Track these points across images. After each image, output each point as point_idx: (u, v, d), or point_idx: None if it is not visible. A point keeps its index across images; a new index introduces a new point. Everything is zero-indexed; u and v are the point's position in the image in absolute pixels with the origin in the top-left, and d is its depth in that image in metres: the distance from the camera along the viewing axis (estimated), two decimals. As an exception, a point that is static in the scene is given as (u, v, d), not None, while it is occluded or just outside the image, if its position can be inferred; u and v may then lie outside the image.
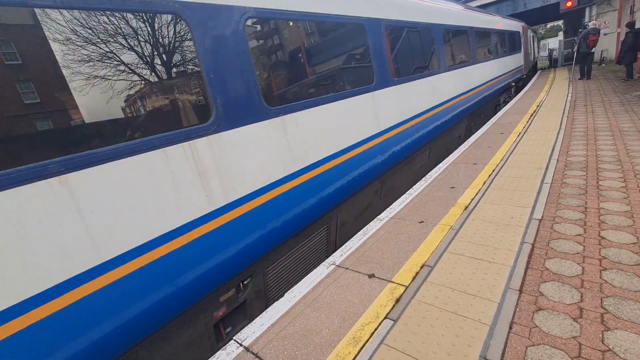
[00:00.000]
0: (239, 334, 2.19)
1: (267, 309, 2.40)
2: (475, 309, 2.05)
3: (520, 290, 2.15)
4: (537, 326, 1.86)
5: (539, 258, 2.45)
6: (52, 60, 1.69)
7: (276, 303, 2.44)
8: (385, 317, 2.10)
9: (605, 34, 17.17)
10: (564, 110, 7.84)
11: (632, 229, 2.64)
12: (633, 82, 10.53)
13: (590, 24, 13.62)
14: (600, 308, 1.92)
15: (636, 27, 10.47)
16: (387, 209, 3.76)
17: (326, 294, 2.44)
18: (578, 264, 2.33)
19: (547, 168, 4.20)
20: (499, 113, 8.81)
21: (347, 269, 2.71)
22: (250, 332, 2.17)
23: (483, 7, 21.33)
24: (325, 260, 2.91)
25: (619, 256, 2.34)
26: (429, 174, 4.77)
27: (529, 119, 7.39)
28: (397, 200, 3.97)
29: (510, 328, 1.87)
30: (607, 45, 18.10)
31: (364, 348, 1.90)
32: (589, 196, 3.30)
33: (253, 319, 2.60)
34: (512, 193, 3.61)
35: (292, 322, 2.20)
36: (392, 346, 1.87)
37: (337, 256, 2.93)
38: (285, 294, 2.53)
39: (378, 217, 3.60)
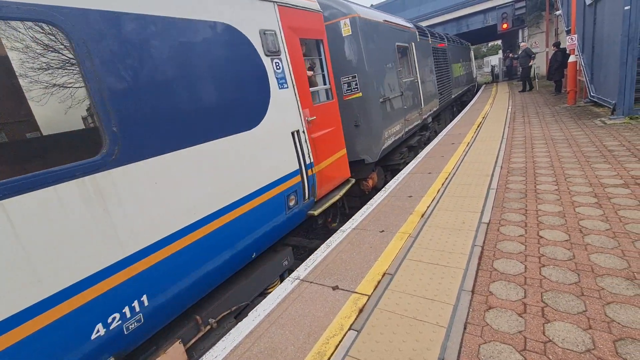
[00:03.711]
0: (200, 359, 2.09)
1: (231, 330, 2.32)
2: (433, 312, 2.15)
3: (473, 291, 2.29)
4: (488, 324, 1.99)
5: (488, 259, 2.64)
6: None
7: (240, 323, 2.38)
8: (350, 329, 2.13)
9: (536, 53, 19.26)
10: (506, 121, 8.60)
11: (565, 228, 2.94)
12: (561, 95, 11.85)
13: (521, 45, 15.26)
14: (541, 302, 2.10)
15: (561, 46, 11.85)
16: (349, 220, 3.85)
17: (291, 309, 2.42)
18: (521, 262, 2.54)
19: (492, 175, 4.57)
20: (450, 124, 9.44)
21: (311, 282, 2.72)
22: (212, 357, 2.08)
23: (431, 27, 17.67)
24: (290, 275, 2.89)
25: (554, 253, 2.59)
26: (387, 184, 4.96)
27: (476, 129, 8.00)
28: (358, 212, 4.07)
29: (465, 328, 1.98)
30: (539, 63, 20.27)
31: (329, 362, 1.90)
32: (528, 199, 3.63)
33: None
34: (463, 199, 3.87)
35: (257, 342, 2.15)
36: (357, 357, 1.90)
37: (302, 270, 2.93)
38: (249, 313, 2.47)
39: (341, 228, 3.66)
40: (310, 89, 3.78)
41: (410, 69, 7.18)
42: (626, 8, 6.09)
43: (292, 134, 3.35)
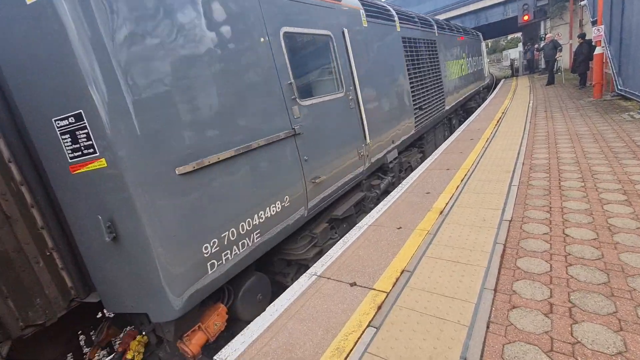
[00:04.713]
0: (219, 353, 2.12)
1: (249, 325, 2.35)
2: (454, 311, 2.11)
3: (495, 290, 2.23)
4: (512, 324, 1.93)
5: (511, 258, 2.57)
6: None
7: (258, 318, 2.40)
8: (368, 325, 2.11)
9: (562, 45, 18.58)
10: (527, 116, 8.32)
11: (592, 226, 2.82)
12: (586, 89, 11.37)
13: (546, 36, 14.75)
14: (568, 302, 2.03)
15: (587, 38, 11.35)
16: (366, 217, 3.81)
17: (309, 305, 2.42)
18: (546, 261, 2.46)
19: (514, 171, 4.43)
20: (468, 119, 9.21)
21: (328, 278, 2.71)
22: (231, 351, 2.11)
23: (448, 20, 14.48)
24: (307, 271, 2.89)
25: (582, 252, 2.49)
26: (405, 180, 4.89)
27: (496, 125, 7.78)
28: (375, 208, 4.03)
29: (488, 327, 1.93)
30: (563, 55, 19.52)
31: (348, 358, 1.89)
32: (552, 196, 3.50)
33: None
34: (484, 196, 3.77)
35: (275, 337, 2.16)
36: (376, 354, 1.88)
37: (319, 266, 2.93)
38: (267, 308, 2.49)
39: (357, 225, 3.64)
40: None
41: (338, 79, 3.97)
42: (659, -5, 5.76)
43: None
